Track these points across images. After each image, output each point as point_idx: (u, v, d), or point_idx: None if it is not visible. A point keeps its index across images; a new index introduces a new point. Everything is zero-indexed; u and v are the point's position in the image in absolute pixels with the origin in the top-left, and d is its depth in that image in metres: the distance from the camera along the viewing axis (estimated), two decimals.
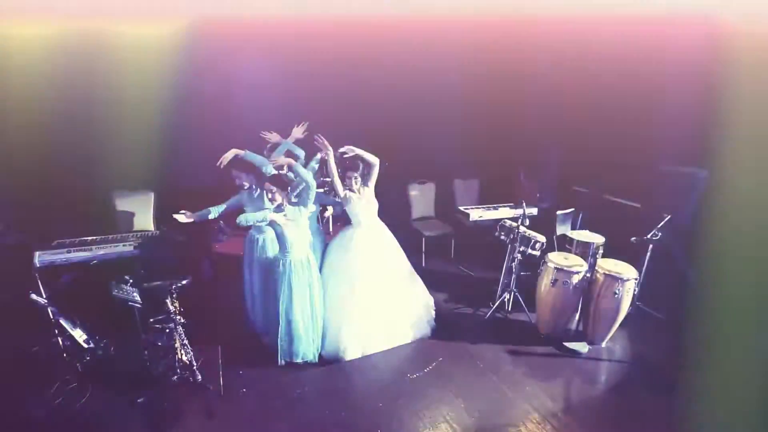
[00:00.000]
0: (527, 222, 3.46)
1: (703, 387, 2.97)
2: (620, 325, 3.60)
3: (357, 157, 3.08)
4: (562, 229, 4.20)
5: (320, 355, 3.14)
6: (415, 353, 3.25)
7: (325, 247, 3.37)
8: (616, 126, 5.59)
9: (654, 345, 3.48)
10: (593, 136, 5.99)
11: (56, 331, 2.85)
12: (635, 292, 3.33)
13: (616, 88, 5.47)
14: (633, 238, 3.60)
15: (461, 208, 4.70)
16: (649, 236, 3.56)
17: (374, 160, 3.14)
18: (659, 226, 3.67)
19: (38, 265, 3.08)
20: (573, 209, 4.31)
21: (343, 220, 3.91)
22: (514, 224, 3.49)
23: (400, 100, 5.52)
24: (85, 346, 2.88)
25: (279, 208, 2.89)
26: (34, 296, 2.76)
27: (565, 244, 4.09)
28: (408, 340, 3.36)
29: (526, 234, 3.41)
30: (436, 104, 5.91)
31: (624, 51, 5.10)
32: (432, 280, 4.17)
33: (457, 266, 4.84)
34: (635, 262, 3.67)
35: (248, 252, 3.26)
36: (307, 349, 3.05)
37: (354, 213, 3.21)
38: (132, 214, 4.06)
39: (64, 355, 2.84)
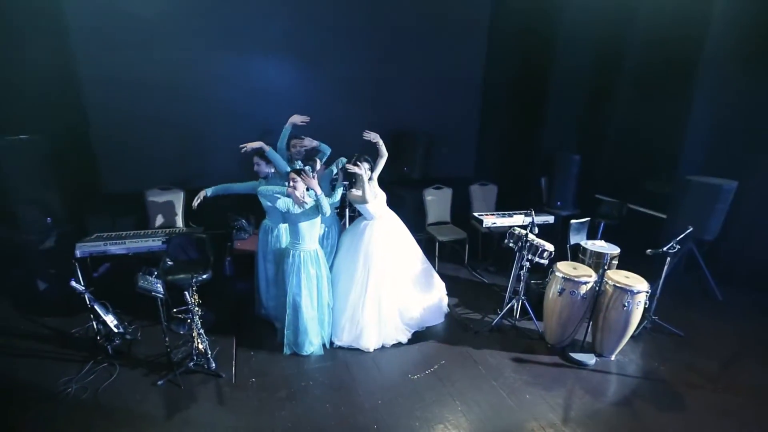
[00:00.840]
0: (536, 230, 3.46)
1: (711, 407, 2.88)
2: (635, 339, 3.54)
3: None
4: (576, 238, 4.15)
5: (331, 343, 3.34)
6: (419, 354, 3.33)
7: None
8: (642, 133, 5.45)
9: (668, 362, 3.37)
10: (616, 143, 5.87)
11: (91, 316, 3.15)
12: (647, 305, 3.25)
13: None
14: (648, 250, 3.51)
15: (476, 214, 4.73)
16: (665, 249, 3.46)
17: (385, 153, 3.34)
18: (678, 238, 3.56)
19: (78, 255, 3.42)
20: (588, 219, 4.24)
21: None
22: (523, 232, 3.50)
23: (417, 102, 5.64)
24: (116, 330, 3.16)
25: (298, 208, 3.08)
26: (73, 283, 3.07)
27: (578, 253, 4.06)
28: (423, 328, 3.53)
29: (534, 242, 3.41)
30: (456, 109, 5.99)
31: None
32: (446, 285, 4.25)
33: (470, 271, 4.86)
34: (657, 274, 3.59)
35: (262, 241, 3.51)
36: (313, 342, 3.22)
37: (364, 207, 3.38)
38: (164, 212, 4.39)
39: (98, 337, 3.14)
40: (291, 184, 3.01)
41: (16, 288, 3.80)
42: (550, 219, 4.83)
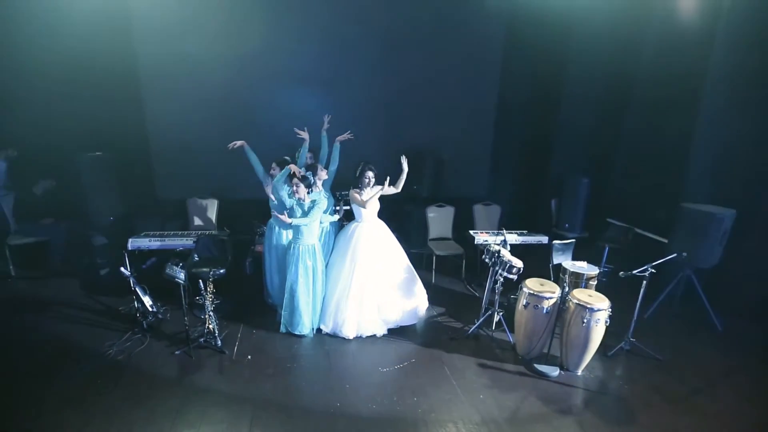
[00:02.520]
0: (508, 247, 3.77)
1: (661, 426, 3.01)
2: (610, 358, 3.70)
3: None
4: (560, 258, 4.35)
5: (318, 329, 3.89)
6: (394, 352, 3.76)
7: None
8: (649, 160, 5.50)
9: (635, 382, 3.49)
10: (625, 169, 5.92)
11: (133, 297, 3.95)
12: (607, 323, 3.42)
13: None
14: (621, 273, 3.68)
15: (471, 231, 5.07)
16: (636, 272, 3.61)
17: (406, 169, 4.02)
18: (654, 263, 3.68)
19: (129, 248, 4.28)
20: (573, 240, 4.42)
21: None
22: (497, 248, 3.83)
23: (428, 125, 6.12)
24: (151, 309, 3.93)
25: (299, 202, 3.72)
26: (122, 269, 3.89)
27: (560, 273, 4.26)
28: (397, 326, 3.98)
29: (505, 258, 3.72)
30: (470, 133, 6.38)
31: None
32: (437, 295, 4.66)
33: (465, 285, 5.18)
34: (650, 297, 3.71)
35: (268, 237, 4.20)
36: (305, 324, 3.83)
37: (359, 210, 3.98)
38: (201, 217, 5.23)
39: (136, 314, 3.93)
40: (294, 188, 3.67)
41: (83, 272, 4.76)
42: (544, 239, 5.03)
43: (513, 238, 4.88)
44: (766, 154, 4.38)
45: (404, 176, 4.02)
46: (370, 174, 3.98)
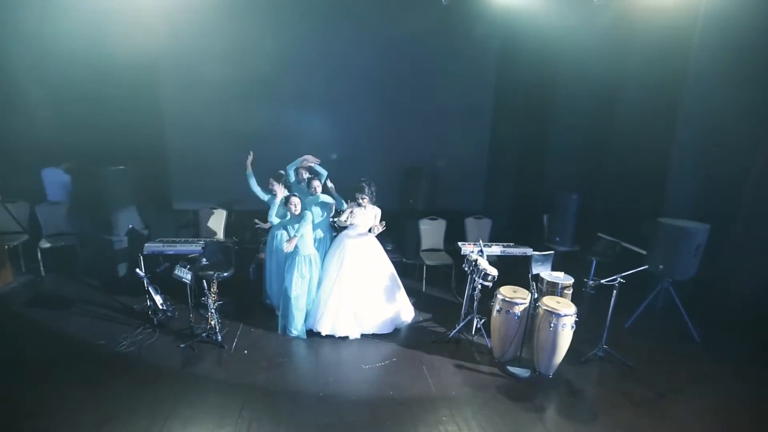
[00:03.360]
0: (484, 256, 4.08)
1: (621, 425, 3.22)
2: (583, 364, 3.92)
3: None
4: (539, 269, 4.60)
5: (311, 330, 4.25)
6: (378, 351, 4.07)
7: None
8: (632, 177, 5.74)
9: (604, 386, 3.70)
10: (613, 185, 6.16)
11: (146, 296, 4.39)
12: (573, 328, 3.66)
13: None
14: (591, 282, 3.93)
15: (459, 243, 5.37)
16: (604, 281, 3.85)
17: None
18: (624, 274, 3.92)
19: (145, 252, 4.75)
20: (552, 252, 4.67)
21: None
22: (474, 257, 4.13)
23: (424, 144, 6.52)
24: (161, 308, 4.36)
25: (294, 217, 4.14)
26: (138, 270, 4.35)
27: (537, 283, 4.51)
28: (375, 332, 4.27)
29: (480, 266, 4.02)
30: (467, 150, 6.75)
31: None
32: (426, 303, 4.96)
33: (454, 294, 5.46)
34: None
35: (269, 244, 4.59)
36: (297, 326, 4.20)
37: (353, 223, 4.35)
38: (211, 226, 5.71)
39: (148, 312, 4.37)
40: (293, 208, 4.08)
41: (104, 273, 5.27)
42: (529, 251, 5.28)
43: (499, 249, 5.16)
44: (736, 174, 4.62)
45: (376, 231, 4.33)
46: (361, 197, 4.29)
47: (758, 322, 4.50)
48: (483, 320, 4.34)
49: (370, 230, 4.36)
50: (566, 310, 3.64)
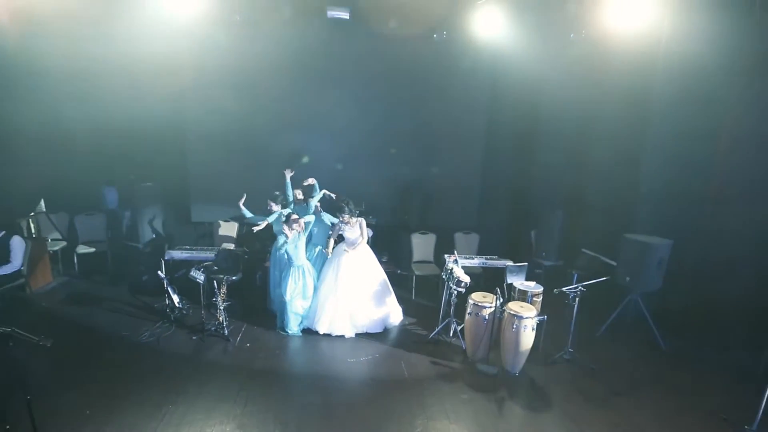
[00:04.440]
0: (459, 265, 4.58)
1: (567, 414, 3.63)
2: (549, 365, 4.34)
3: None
4: (513, 279, 5.06)
5: (306, 329, 4.80)
6: (362, 348, 4.58)
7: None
8: (608, 197, 6.18)
9: (564, 383, 4.10)
10: (592, 204, 6.59)
11: (165, 295, 5.05)
12: (533, 328, 4.10)
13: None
14: (555, 290, 4.37)
15: (445, 255, 5.87)
16: (566, 288, 4.29)
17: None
18: (586, 283, 4.36)
19: (166, 258, 5.44)
20: (526, 263, 5.12)
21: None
22: (451, 266, 4.64)
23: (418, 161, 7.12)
24: (178, 306, 5.01)
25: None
26: (159, 272, 5.03)
27: (511, 291, 4.97)
28: (367, 330, 4.79)
29: (455, 274, 4.52)
30: (461, 170, 7.30)
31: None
32: (413, 309, 5.47)
33: (440, 303, 5.92)
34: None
35: (273, 253, 5.20)
36: (292, 326, 4.75)
37: (345, 236, 4.96)
38: (225, 236, 6.39)
39: (167, 309, 5.02)
40: (292, 226, 4.69)
41: (131, 276, 5.99)
42: (509, 263, 5.74)
43: (479, 261, 5.65)
44: (696, 194, 5.04)
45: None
46: (342, 217, 4.83)
47: (721, 330, 4.81)
48: (462, 326, 4.81)
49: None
50: (528, 313, 4.09)
